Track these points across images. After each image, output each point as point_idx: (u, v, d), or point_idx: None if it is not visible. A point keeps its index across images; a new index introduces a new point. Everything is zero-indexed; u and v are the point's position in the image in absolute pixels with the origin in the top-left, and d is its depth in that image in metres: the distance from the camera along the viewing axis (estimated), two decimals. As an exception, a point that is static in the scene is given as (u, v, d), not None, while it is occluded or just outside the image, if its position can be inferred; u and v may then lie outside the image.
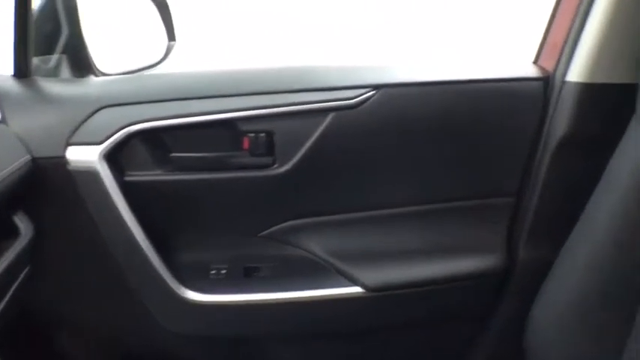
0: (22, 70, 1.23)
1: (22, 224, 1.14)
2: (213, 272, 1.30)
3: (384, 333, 1.37)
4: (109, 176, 1.18)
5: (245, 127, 1.23)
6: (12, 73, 1.23)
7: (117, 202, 1.19)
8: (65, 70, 1.31)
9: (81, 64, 1.28)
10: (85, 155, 1.17)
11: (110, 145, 1.18)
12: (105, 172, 1.18)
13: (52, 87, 1.24)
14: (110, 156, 1.19)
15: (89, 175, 1.17)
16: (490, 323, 1.38)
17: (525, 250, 1.31)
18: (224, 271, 1.30)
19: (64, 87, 1.26)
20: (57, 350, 1.41)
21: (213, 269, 1.30)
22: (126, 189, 1.20)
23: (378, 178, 1.29)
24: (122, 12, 1.36)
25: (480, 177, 1.30)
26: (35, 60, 1.26)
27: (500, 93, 1.27)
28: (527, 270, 1.30)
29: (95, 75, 1.27)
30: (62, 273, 1.29)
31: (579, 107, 1.20)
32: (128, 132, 1.19)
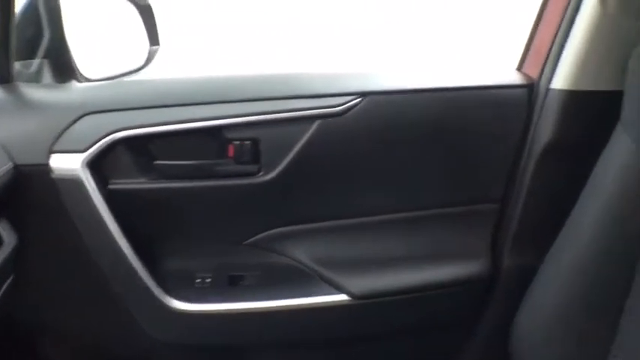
0: (4, 76, 1.21)
1: (5, 233, 1.12)
2: (198, 280, 1.29)
3: (371, 341, 1.37)
4: (93, 184, 1.17)
5: (230, 135, 1.22)
6: (-7, 79, 1.20)
7: (101, 211, 1.18)
8: (47, 75, 1.29)
9: (63, 69, 1.26)
10: (69, 163, 1.16)
11: (94, 153, 1.17)
12: (88, 181, 1.16)
13: (35, 93, 1.23)
14: (94, 164, 1.17)
15: (72, 184, 1.16)
16: (476, 329, 1.38)
17: (510, 257, 1.31)
18: (209, 280, 1.29)
19: (47, 93, 1.24)
20: (41, 358, 1.39)
21: (198, 277, 1.29)
22: (110, 197, 1.19)
23: (364, 186, 1.29)
24: (104, 16, 1.34)
25: (465, 184, 1.31)
26: (17, 65, 1.24)
27: (484, 100, 1.27)
28: (512, 276, 1.31)
29: (78, 80, 1.25)
30: (46, 281, 1.28)
31: (564, 114, 1.21)
32: (112, 139, 1.18)
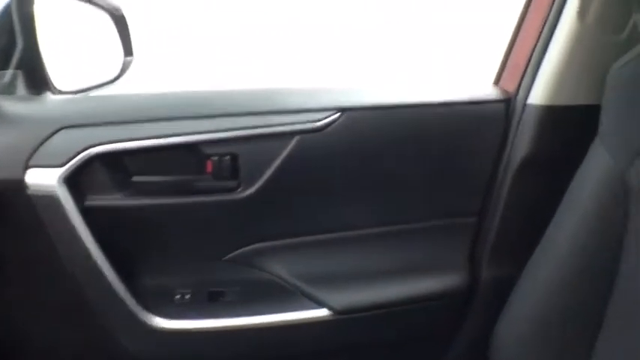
0: (-24, 88, 1.19)
1: None
2: (177, 297, 1.28)
3: (351, 355, 1.37)
4: (70, 201, 1.15)
5: (208, 151, 1.21)
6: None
7: (78, 228, 1.16)
8: (21, 87, 1.25)
9: (37, 81, 1.23)
10: (45, 179, 1.14)
11: (70, 169, 1.15)
12: (65, 197, 1.15)
13: (9, 106, 1.20)
14: (70, 180, 1.15)
15: (49, 200, 1.14)
16: (455, 341, 1.39)
17: (488, 270, 1.33)
18: (189, 296, 1.28)
19: (21, 106, 1.21)
20: None
21: (177, 294, 1.28)
22: (87, 214, 1.17)
23: (343, 200, 1.29)
24: (77, 26, 1.32)
25: (443, 197, 1.32)
26: (-11, 76, 1.21)
27: (461, 115, 1.28)
28: (490, 288, 1.32)
29: (52, 92, 1.23)
30: (23, 298, 1.26)
31: (541, 129, 1.22)
32: (88, 155, 1.16)
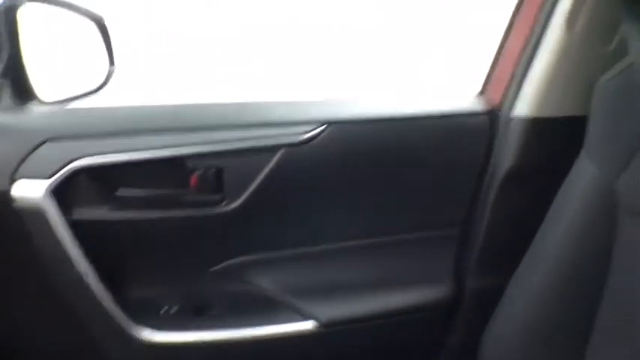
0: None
1: None
2: (164, 310, 1.28)
3: None
4: (56, 214, 1.15)
5: (193, 164, 1.21)
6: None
7: (64, 240, 1.16)
8: (5, 97, 1.23)
9: (22, 91, 1.22)
10: (31, 192, 1.13)
11: (56, 182, 1.14)
12: (51, 210, 1.14)
13: None
14: (56, 192, 1.15)
15: (35, 213, 1.14)
16: (442, 352, 1.40)
17: (473, 280, 1.33)
18: (175, 309, 1.28)
19: (7, 117, 1.20)
20: None
21: (164, 307, 1.28)
22: (73, 226, 1.17)
23: (328, 213, 1.29)
24: (60, 36, 1.31)
25: (429, 209, 1.32)
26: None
27: (446, 127, 1.28)
28: (475, 300, 1.33)
29: (38, 102, 1.22)
30: (10, 310, 1.25)
31: (526, 141, 1.22)
32: (74, 167, 1.15)
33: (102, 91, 1.28)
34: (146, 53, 3.63)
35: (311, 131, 1.21)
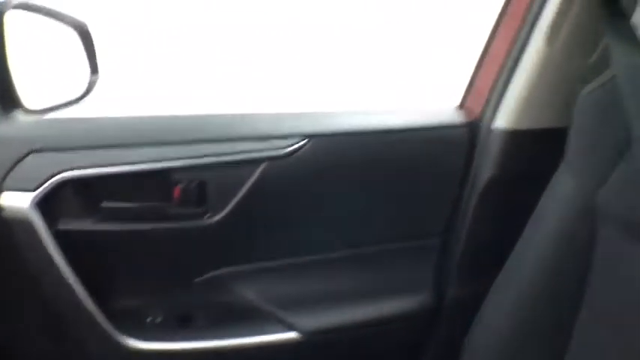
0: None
1: None
2: (149, 319, 1.28)
3: None
4: (42, 225, 1.15)
5: (177, 177, 1.22)
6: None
7: (51, 251, 1.16)
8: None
9: (7, 99, 1.20)
10: (17, 203, 1.14)
11: (42, 193, 1.15)
12: (37, 221, 1.15)
13: None
14: (42, 204, 1.15)
15: (22, 223, 1.14)
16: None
17: (454, 290, 1.34)
18: (160, 319, 1.28)
19: None
20: None
21: (149, 317, 1.28)
22: (59, 237, 1.17)
23: (311, 225, 1.30)
24: (41, 43, 1.30)
25: (410, 220, 1.33)
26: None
27: (426, 140, 1.29)
28: (456, 308, 1.34)
29: (23, 111, 1.21)
30: None
31: (506, 152, 1.23)
32: (59, 180, 1.16)
33: (86, 100, 1.29)
34: (129, 60, 3.61)
35: (293, 144, 1.22)
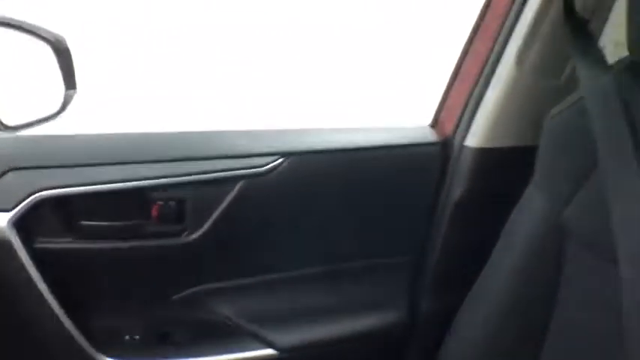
0: None
1: None
2: (127, 337, 1.28)
3: None
4: (20, 244, 1.15)
5: (155, 195, 1.22)
6: None
7: (29, 269, 1.16)
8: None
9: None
10: None
11: (19, 212, 1.15)
12: (15, 240, 1.14)
13: None
14: (19, 223, 1.15)
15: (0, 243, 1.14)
16: None
17: (427, 305, 1.37)
18: (138, 337, 1.29)
19: None
20: None
21: (127, 335, 1.29)
22: (37, 256, 1.17)
23: (287, 242, 1.31)
24: (15, 57, 1.30)
25: (383, 237, 1.35)
26: None
27: (399, 158, 1.32)
28: (429, 324, 1.36)
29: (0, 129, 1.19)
30: None
31: (477, 171, 1.27)
32: (37, 198, 1.16)
33: (62, 116, 1.29)
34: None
35: (270, 163, 1.23)
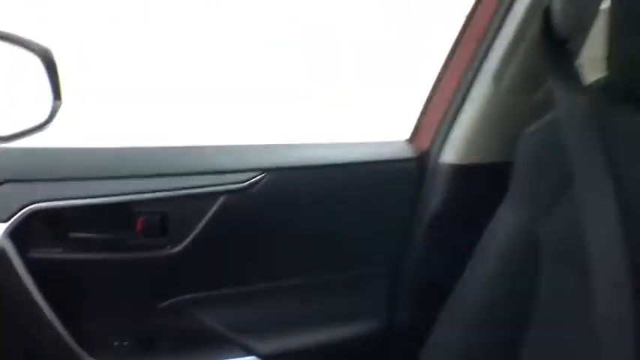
0: None
1: None
2: (116, 343, 1.33)
3: None
4: (14, 254, 1.19)
5: (139, 209, 1.27)
6: None
7: (23, 278, 1.20)
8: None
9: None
10: None
11: (14, 224, 1.19)
12: (10, 250, 1.19)
13: None
14: (14, 233, 1.19)
15: None
16: None
17: (405, 315, 1.40)
18: (126, 343, 1.33)
19: None
20: None
21: (115, 340, 1.33)
22: (31, 265, 1.21)
23: (267, 255, 1.35)
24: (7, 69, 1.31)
25: (361, 250, 1.38)
26: None
27: (377, 173, 1.36)
28: (407, 333, 1.39)
29: None
30: None
31: (453, 186, 1.30)
32: (30, 210, 1.20)
33: (49, 127, 1.30)
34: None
35: (251, 179, 1.27)
